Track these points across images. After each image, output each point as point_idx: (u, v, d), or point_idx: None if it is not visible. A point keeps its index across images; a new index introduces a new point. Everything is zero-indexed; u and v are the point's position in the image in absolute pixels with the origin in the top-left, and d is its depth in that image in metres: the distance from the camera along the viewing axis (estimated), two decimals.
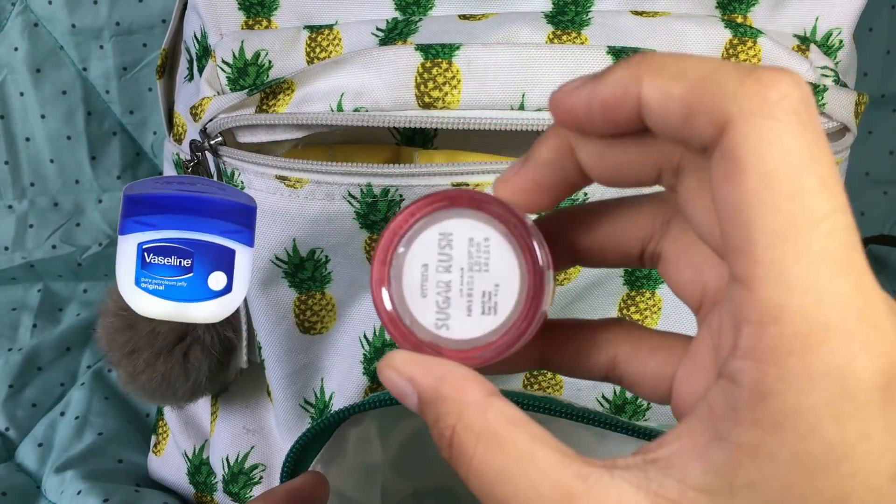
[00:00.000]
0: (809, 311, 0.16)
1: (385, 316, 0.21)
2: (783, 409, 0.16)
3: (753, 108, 0.17)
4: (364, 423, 0.41)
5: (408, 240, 0.21)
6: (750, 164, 0.16)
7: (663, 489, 0.17)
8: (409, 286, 0.21)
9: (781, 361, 0.16)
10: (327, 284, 0.39)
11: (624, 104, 0.18)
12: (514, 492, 0.18)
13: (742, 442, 0.17)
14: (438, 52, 0.35)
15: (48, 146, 0.61)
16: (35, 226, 0.62)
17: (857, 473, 0.16)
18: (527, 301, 0.21)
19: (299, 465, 0.37)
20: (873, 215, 0.65)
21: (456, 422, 0.19)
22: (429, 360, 0.21)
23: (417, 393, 0.20)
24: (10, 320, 0.59)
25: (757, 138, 0.16)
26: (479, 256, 0.21)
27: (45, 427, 0.52)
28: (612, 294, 0.39)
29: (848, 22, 0.39)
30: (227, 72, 0.37)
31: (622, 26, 0.37)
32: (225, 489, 0.44)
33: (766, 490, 0.17)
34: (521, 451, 0.19)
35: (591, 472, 0.18)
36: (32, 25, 0.59)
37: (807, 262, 0.16)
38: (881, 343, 0.16)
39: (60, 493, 0.47)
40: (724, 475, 0.17)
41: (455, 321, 0.21)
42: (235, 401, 0.44)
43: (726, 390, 0.17)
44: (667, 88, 0.18)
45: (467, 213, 0.21)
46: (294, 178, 0.36)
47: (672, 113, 0.18)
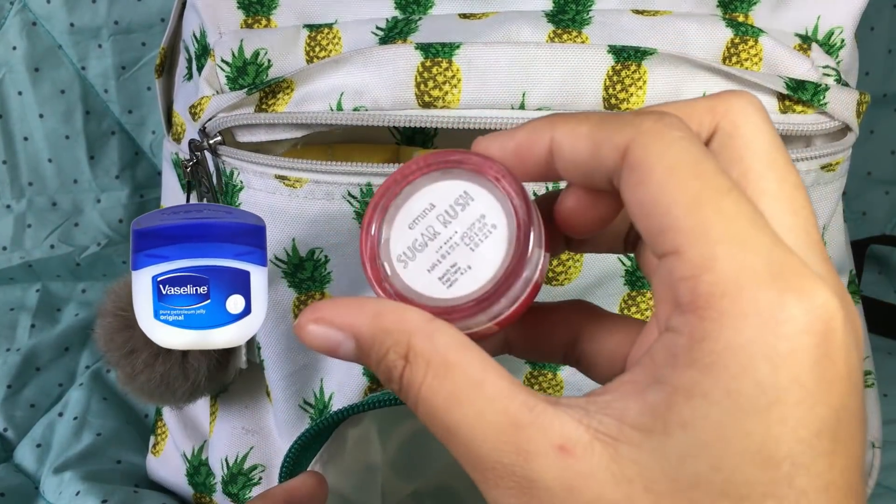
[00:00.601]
0: (738, 256, 0.17)
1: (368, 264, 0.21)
2: (716, 349, 0.17)
3: (649, 127, 0.19)
4: (363, 424, 0.41)
5: (395, 205, 0.21)
6: (654, 163, 0.18)
7: (602, 426, 0.18)
8: (400, 257, 0.21)
9: (715, 304, 0.17)
10: (327, 284, 0.38)
11: (536, 146, 0.20)
12: (461, 418, 0.19)
13: (678, 383, 0.17)
14: (438, 51, 0.35)
15: (46, 145, 0.61)
16: (33, 225, 0.62)
17: (787, 421, 0.17)
18: (510, 273, 0.21)
19: (298, 466, 0.37)
20: (875, 215, 0.64)
21: (407, 350, 0.20)
22: (358, 300, 0.21)
23: (354, 336, 0.20)
24: (8, 320, 0.59)
25: (656, 145, 0.18)
26: (472, 224, 0.21)
27: (44, 427, 0.52)
28: (613, 294, 0.38)
29: (849, 21, 0.39)
30: (226, 71, 0.37)
31: (623, 25, 0.37)
32: (224, 490, 0.44)
33: (698, 429, 0.17)
34: (470, 378, 0.19)
35: (536, 403, 0.19)
36: (31, 24, 0.59)
37: (726, 219, 0.18)
38: (813, 290, 0.17)
39: (59, 493, 0.46)
40: (660, 415, 0.18)
41: (451, 280, 0.21)
42: (234, 401, 0.44)
43: (667, 341, 0.18)
44: (575, 128, 0.20)
45: (456, 173, 0.21)
46: (293, 178, 0.35)
47: (580, 147, 0.20)
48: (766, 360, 0.17)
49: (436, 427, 0.19)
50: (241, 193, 0.37)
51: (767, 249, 0.17)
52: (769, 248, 0.17)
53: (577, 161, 0.20)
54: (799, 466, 0.17)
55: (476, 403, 0.19)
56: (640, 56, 0.35)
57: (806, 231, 0.19)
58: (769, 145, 0.20)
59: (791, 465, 0.17)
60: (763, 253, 0.17)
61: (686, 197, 0.18)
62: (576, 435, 0.18)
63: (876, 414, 0.46)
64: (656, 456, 0.17)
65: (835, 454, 0.17)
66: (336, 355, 0.21)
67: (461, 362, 0.19)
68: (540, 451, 0.18)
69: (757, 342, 0.17)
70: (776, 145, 0.20)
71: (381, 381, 0.20)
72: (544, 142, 0.20)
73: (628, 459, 0.18)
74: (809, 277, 0.17)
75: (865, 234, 0.61)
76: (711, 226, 0.17)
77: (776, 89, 0.36)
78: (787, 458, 0.17)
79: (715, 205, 0.18)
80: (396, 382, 0.20)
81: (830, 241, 0.41)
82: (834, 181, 0.38)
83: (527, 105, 0.35)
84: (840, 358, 0.17)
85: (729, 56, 0.37)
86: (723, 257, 0.17)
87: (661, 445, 0.17)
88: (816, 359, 0.17)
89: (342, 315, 0.20)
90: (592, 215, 0.22)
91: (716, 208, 0.18)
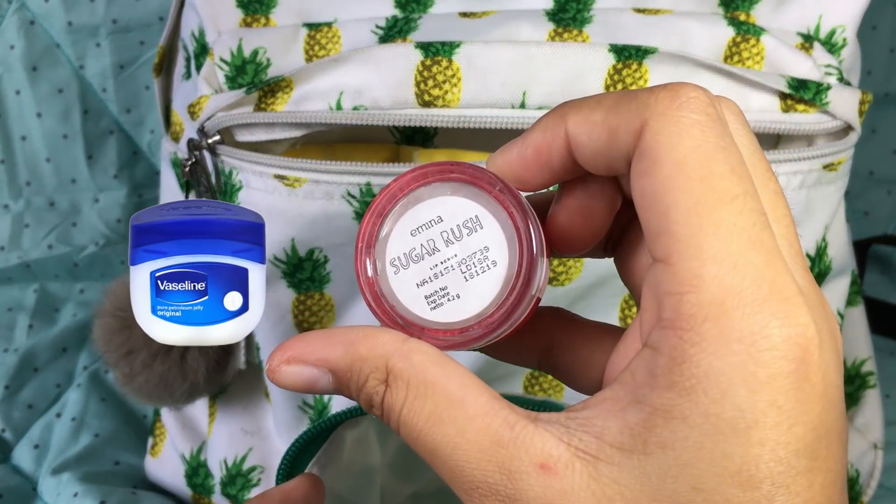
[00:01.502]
0: (724, 280, 0.17)
1: (365, 285, 0.21)
2: (696, 374, 0.17)
3: (664, 109, 0.18)
4: (362, 426, 0.41)
5: (405, 203, 0.21)
6: (663, 155, 0.18)
7: (583, 444, 0.18)
8: (393, 261, 0.21)
9: (697, 327, 0.17)
10: (326, 284, 0.38)
11: (555, 144, 0.20)
12: (442, 437, 0.19)
13: (657, 404, 0.18)
14: (438, 49, 0.35)
15: (44, 145, 0.61)
16: (31, 225, 0.62)
17: (766, 442, 0.17)
18: (515, 287, 0.20)
19: (295, 468, 0.37)
20: (877, 215, 0.64)
21: (386, 374, 0.20)
22: (327, 332, 0.20)
23: (331, 370, 0.20)
24: (6, 321, 0.59)
25: (669, 132, 0.18)
26: (474, 253, 0.21)
27: (42, 428, 0.52)
28: (614, 294, 0.38)
29: (852, 20, 0.39)
30: (225, 70, 0.37)
31: (624, 24, 0.37)
32: (223, 491, 0.44)
33: (678, 450, 0.17)
34: (450, 396, 0.19)
35: (517, 420, 0.19)
36: (29, 23, 0.58)
37: (721, 235, 0.17)
38: (795, 316, 0.17)
39: (57, 495, 0.46)
40: (640, 435, 0.18)
41: (436, 303, 0.21)
42: (233, 402, 0.44)
43: (647, 359, 0.18)
44: (588, 116, 0.19)
45: (464, 188, 0.21)
46: (293, 178, 0.35)
47: (597, 135, 0.19)
48: (744, 385, 0.17)
49: (419, 447, 0.19)
50: (239, 193, 0.37)
51: (757, 271, 0.17)
52: (760, 270, 0.17)
53: (596, 151, 0.20)
54: (779, 486, 0.17)
55: (457, 422, 0.19)
56: (641, 55, 0.35)
57: (788, 241, 0.19)
58: (749, 151, 0.19)
59: (771, 485, 0.17)
60: (751, 275, 0.17)
61: (687, 202, 0.18)
62: (556, 453, 0.18)
63: (878, 415, 0.45)
64: (636, 475, 0.18)
65: (814, 471, 0.17)
66: (314, 391, 0.21)
67: (440, 380, 0.19)
68: (522, 470, 0.18)
69: (737, 369, 0.17)
70: (754, 151, 0.20)
71: (363, 407, 0.20)
72: (561, 139, 0.20)
73: (608, 478, 0.18)
74: (793, 301, 0.17)
75: (868, 234, 0.61)
76: (705, 240, 0.17)
77: (778, 88, 0.35)
78: (767, 479, 0.17)
79: (715, 216, 0.17)
80: (378, 408, 0.20)
81: (832, 240, 0.40)
82: (836, 181, 0.38)
83: (527, 104, 0.35)
84: (818, 378, 0.17)
85: (730, 55, 0.37)
86: (710, 278, 0.17)
87: (642, 465, 0.18)
88: (794, 382, 0.17)
89: (314, 350, 0.20)
90: (584, 231, 0.21)
91: (715, 221, 0.17)
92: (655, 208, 0.18)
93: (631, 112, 0.19)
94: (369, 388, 0.20)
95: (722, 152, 0.18)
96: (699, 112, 0.18)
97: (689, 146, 0.18)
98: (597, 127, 0.19)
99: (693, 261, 0.17)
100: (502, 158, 0.21)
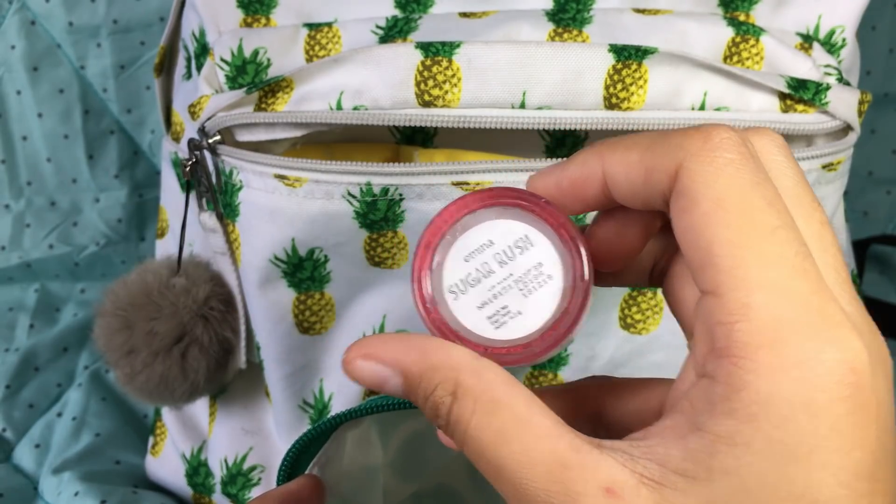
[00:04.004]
0: (774, 307, 0.18)
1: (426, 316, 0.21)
2: (757, 400, 0.17)
3: (698, 150, 0.19)
4: (363, 425, 0.41)
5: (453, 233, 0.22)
6: (701, 193, 0.18)
7: (647, 470, 0.18)
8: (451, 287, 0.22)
9: (752, 354, 0.17)
10: (326, 284, 0.38)
11: (591, 179, 0.21)
12: (507, 454, 0.19)
13: (719, 431, 0.18)
14: (439, 49, 0.35)
15: (45, 145, 0.61)
16: (32, 225, 0.62)
17: (828, 466, 0.17)
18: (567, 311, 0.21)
19: (296, 468, 0.37)
20: (876, 215, 0.64)
21: (455, 387, 0.20)
22: (405, 336, 0.21)
23: (402, 373, 0.21)
24: (6, 320, 0.59)
25: (704, 172, 0.19)
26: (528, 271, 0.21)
27: (43, 428, 0.52)
28: (615, 294, 0.38)
29: (851, 20, 0.39)
30: (225, 70, 0.37)
31: (624, 24, 0.37)
32: (223, 490, 0.44)
33: (742, 476, 0.17)
34: (517, 415, 0.19)
35: (582, 445, 0.19)
36: (30, 23, 0.58)
37: (766, 265, 0.18)
38: (847, 340, 0.18)
39: (58, 494, 0.46)
40: (702, 461, 0.18)
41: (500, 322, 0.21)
42: (234, 402, 0.44)
43: (704, 387, 0.19)
44: (625, 157, 0.20)
45: (509, 211, 0.22)
46: (293, 177, 0.35)
47: (633, 175, 0.20)
48: (805, 410, 0.17)
49: (483, 463, 0.20)
50: (240, 193, 0.37)
51: (805, 298, 0.18)
52: (807, 297, 0.18)
53: (633, 190, 0.20)
54: None
55: (523, 441, 0.19)
56: (640, 55, 0.35)
57: (835, 270, 0.19)
58: (793, 182, 0.20)
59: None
60: (799, 302, 0.18)
61: (728, 235, 0.18)
62: (622, 478, 0.18)
63: None
64: (701, 501, 0.18)
65: (874, 494, 0.18)
66: (383, 390, 0.21)
67: (508, 400, 0.19)
68: (588, 493, 0.18)
69: (797, 394, 0.17)
70: (799, 181, 0.20)
71: (427, 416, 0.21)
72: (597, 175, 0.21)
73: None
74: (843, 326, 0.18)
75: (866, 234, 0.61)
76: (750, 270, 0.18)
77: (777, 88, 0.36)
78: (830, 502, 0.17)
79: (757, 247, 0.18)
80: (444, 418, 0.20)
81: None
82: (835, 181, 0.38)
83: (527, 104, 0.35)
84: (872, 402, 0.18)
85: (730, 55, 0.37)
86: (759, 306, 0.18)
87: (706, 491, 0.18)
88: (850, 407, 0.17)
89: (390, 351, 0.21)
90: (620, 246, 0.22)
91: (757, 251, 0.18)
92: (698, 243, 0.18)
93: (666, 153, 0.19)
94: (436, 398, 0.20)
95: (757, 188, 0.18)
96: (732, 151, 0.19)
97: (724, 184, 0.18)
98: (634, 167, 0.20)
99: (740, 290, 0.18)
100: (541, 183, 0.22)
